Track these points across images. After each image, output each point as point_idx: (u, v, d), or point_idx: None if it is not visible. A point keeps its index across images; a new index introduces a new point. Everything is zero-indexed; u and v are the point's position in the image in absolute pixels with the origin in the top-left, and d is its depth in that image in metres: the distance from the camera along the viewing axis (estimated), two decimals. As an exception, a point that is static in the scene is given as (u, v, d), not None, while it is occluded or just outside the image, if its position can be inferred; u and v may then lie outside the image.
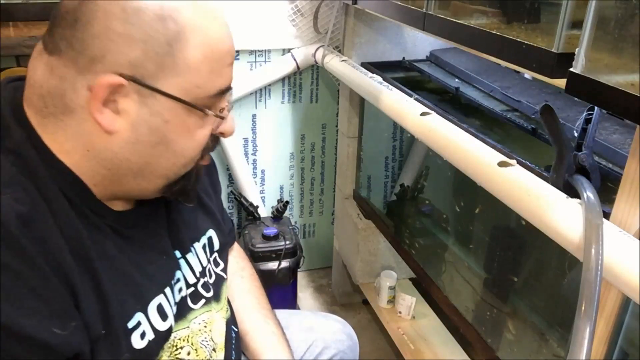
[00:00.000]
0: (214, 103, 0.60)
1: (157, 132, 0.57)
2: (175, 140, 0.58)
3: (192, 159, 0.61)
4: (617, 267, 0.58)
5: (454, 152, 0.93)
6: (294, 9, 1.66)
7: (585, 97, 0.59)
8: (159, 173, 0.60)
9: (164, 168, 0.60)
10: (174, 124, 0.57)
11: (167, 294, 0.65)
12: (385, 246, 1.65)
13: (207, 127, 0.60)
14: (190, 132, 0.59)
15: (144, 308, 0.61)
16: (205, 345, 0.71)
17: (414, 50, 1.56)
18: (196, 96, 0.57)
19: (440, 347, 1.45)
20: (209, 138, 0.62)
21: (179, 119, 0.57)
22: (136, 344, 0.60)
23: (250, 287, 0.91)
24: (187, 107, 0.57)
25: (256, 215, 1.73)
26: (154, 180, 0.61)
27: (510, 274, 1.09)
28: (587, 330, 0.55)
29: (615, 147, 0.83)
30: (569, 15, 0.64)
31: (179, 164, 0.60)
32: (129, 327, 0.59)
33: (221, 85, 0.59)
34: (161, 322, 0.63)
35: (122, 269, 0.60)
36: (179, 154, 0.59)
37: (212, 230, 0.79)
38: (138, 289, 0.61)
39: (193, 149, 0.60)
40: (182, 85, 0.56)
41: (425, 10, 0.98)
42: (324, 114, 1.85)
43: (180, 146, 0.59)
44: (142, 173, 0.59)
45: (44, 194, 0.54)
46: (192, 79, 0.56)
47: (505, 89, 1.18)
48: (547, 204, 0.70)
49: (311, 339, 0.93)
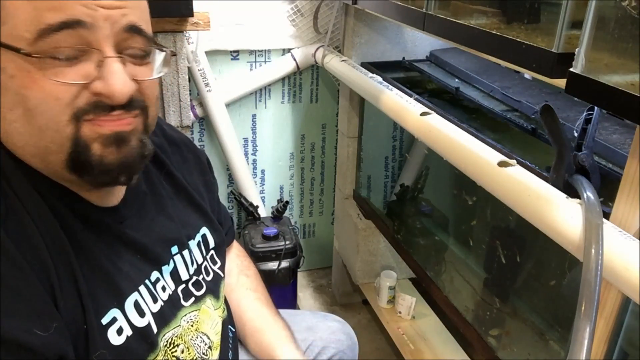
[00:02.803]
0: (54, 44, 0.51)
1: (8, 91, 0.51)
2: (28, 95, 0.51)
3: (56, 119, 0.52)
4: (617, 267, 0.58)
5: (454, 152, 0.93)
6: (293, 9, 1.66)
7: (585, 97, 0.59)
8: (38, 144, 0.53)
9: (34, 136, 0.53)
10: (20, 77, 0.51)
11: (142, 292, 0.64)
12: (385, 246, 1.65)
13: (57, 76, 0.51)
14: (38, 85, 0.51)
15: (120, 304, 0.60)
16: (194, 343, 0.70)
17: (414, 50, 1.56)
18: (30, 40, 0.50)
19: (440, 347, 1.45)
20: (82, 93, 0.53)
21: (24, 72, 0.51)
22: (113, 340, 0.58)
23: (256, 286, 0.92)
24: (26, 56, 0.50)
25: (256, 215, 1.73)
26: (42, 155, 0.54)
27: (510, 274, 1.09)
28: (587, 330, 0.55)
29: (615, 147, 0.83)
30: (569, 15, 0.64)
31: (44, 127, 0.52)
32: (103, 323, 0.58)
33: (52, 20, 0.50)
34: (139, 319, 0.62)
35: (97, 264, 0.59)
36: (37, 114, 0.52)
37: (206, 228, 0.79)
38: (114, 285, 0.60)
39: (47, 104, 0.51)
40: (11, 32, 0.50)
41: (425, 10, 0.98)
42: (324, 114, 1.85)
43: (33, 102, 0.51)
44: (31, 148, 0.54)
45: (16, 192, 0.53)
46: (19, 23, 0.50)
47: (505, 89, 1.18)
48: (547, 204, 0.70)
49: (310, 338, 0.93)
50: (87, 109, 0.53)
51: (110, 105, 0.54)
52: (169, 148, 0.78)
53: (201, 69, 1.56)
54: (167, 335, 0.66)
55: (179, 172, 0.78)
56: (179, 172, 0.78)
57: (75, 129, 0.53)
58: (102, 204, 0.62)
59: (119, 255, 0.63)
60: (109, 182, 0.58)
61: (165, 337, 0.66)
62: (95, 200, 0.61)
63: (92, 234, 0.59)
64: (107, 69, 0.53)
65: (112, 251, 0.62)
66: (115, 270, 0.61)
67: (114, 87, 0.53)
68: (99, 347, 0.56)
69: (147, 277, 0.66)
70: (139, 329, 0.62)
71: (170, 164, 0.76)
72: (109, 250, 0.61)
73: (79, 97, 0.53)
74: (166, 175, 0.76)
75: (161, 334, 0.65)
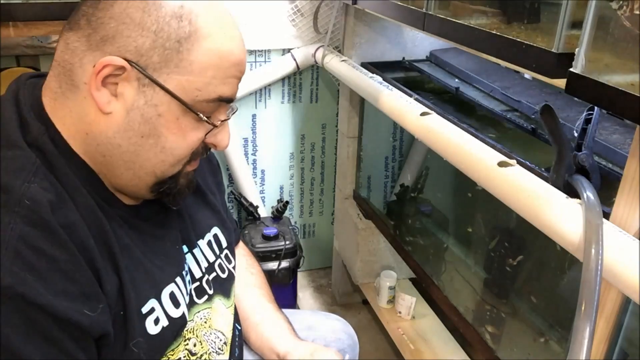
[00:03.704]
0: (211, 110, 0.61)
1: (149, 123, 0.58)
2: (166, 136, 0.59)
3: (180, 159, 0.62)
4: (617, 267, 0.58)
5: (454, 152, 0.93)
6: (294, 9, 1.66)
7: (585, 97, 0.59)
8: (147, 168, 0.61)
9: (152, 164, 0.60)
10: (166, 119, 0.58)
11: (179, 282, 0.67)
12: (385, 246, 1.65)
13: (199, 131, 0.61)
14: (181, 132, 0.59)
15: (157, 295, 0.64)
16: (207, 339, 0.72)
17: (414, 50, 1.56)
18: (194, 98, 0.58)
19: (440, 347, 1.45)
20: (201, 144, 0.63)
21: (173, 116, 0.58)
22: (150, 329, 0.61)
23: (261, 283, 0.94)
24: (183, 106, 0.58)
25: (256, 215, 1.73)
26: (143, 175, 0.61)
27: (510, 274, 1.09)
28: (587, 330, 0.55)
29: (615, 147, 0.83)
30: (569, 15, 0.64)
31: (167, 161, 0.61)
32: (143, 312, 0.61)
33: (222, 93, 0.60)
34: (174, 309, 0.65)
35: (135, 257, 0.62)
36: (167, 151, 0.60)
37: (217, 228, 0.81)
38: (151, 277, 0.63)
39: (182, 149, 0.61)
40: (182, 84, 0.57)
41: (425, 10, 0.98)
42: (324, 114, 1.85)
43: (170, 144, 0.59)
44: (132, 165, 0.60)
45: (64, 183, 0.56)
46: (194, 81, 0.57)
47: (505, 89, 1.18)
48: (547, 204, 0.70)
49: (311, 337, 0.94)
50: (201, 152, 0.64)
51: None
52: None
53: (201, 69, 1.56)
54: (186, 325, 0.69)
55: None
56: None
57: (183, 167, 0.63)
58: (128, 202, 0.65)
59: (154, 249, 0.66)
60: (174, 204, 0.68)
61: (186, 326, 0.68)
62: (124, 199, 0.64)
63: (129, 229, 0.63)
64: (225, 129, 0.64)
65: (146, 246, 0.65)
66: (150, 263, 0.64)
67: (224, 142, 0.65)
68: (137, 335, 0.59)
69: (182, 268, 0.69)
70: (174, 319, 0.65)
71: None
72: (143, 245, 0.64)
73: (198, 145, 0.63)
74: None
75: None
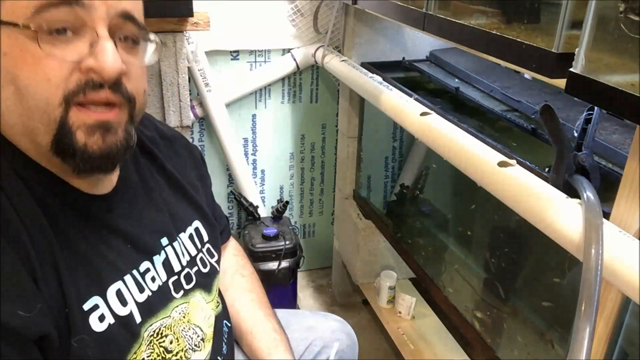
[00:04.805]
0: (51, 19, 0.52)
1: (1, 69, 0.52)
2: (19, 75, 0.52)
3: (48, 101, 0.53)
4: (617, 267, 0.58)
5: (454, 152, 0.93)
6: (293, 9, 1.66)
7: (585, 97, 0.59)
8: (27, 124, 0.54)
9: (23, 115, 0.54)
10: (13, 55, 0.51)
11: (127, 281, 0.64)
12: (385, 246, 1.65)
13: (53, 55, 0.52)
14: (33, 64, 0.51)
15: (102, 292, 0.61)
16: (185, 334, 0.70)
17: (414, 50, 1.56)
18: (25, 15, 0.51)
19: (440, 347, 1.45)
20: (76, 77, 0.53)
21: (17, 49, 0.51)
22: (95, 326, 0.59)
23: (252, 287, 0.91)
24: (21, 32, 0.50)
25: (256, 215, 1.73)
26: (31, 135, 0.55)
27: (510, 274, 1.09)
28: (587, 330, 0.55)
29: (615, 147, 0.83)
30: (569, 15, 0.64)
31: (34, 107, 0.53)
32: (84, 309, 0.58)
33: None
34: (121, 307, 0.62)
35: (80, 251, 0.59)
36: (28, 94, 0.52)
37: (198, 221, 0.79)
38: (96, 273, 0.61)
39: (39, 85, 0.52)
40: (10, 9, 0.51)
41: (425, 10, 0.98)
42: (324, 114, 1.85)
43: (25, 82, 0.52)
44: (20, 127, 0.55)
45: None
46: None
47: (505, 89, 1.18)
48: (547, 204, 0.70)
49: (310, 338, 0.93)
50: (77, 90, 0.54)
51: (100, 83, 0.54)
52: (161, 142, 0.79)
53: (201, 69, 1.56)
54: (154, 325, 0.66)
55: (172, 166, 0.78)
56: (172, 166, 0.78)
57: (64, 113, 0.54)
58: (91, 191, 0.62)
59: (108, 244, 0.63)
60: (91, 169, 0.58)
61: (152, 327, 0.66)
62: (85, 188, 0.62)
63: (79, 221, 0.60)
64: (100, 46, 0.54)
65: (100, 239, 0.62)
66: (99, 259, 0.61)
67: (105, 63, 0.53)
68: (80, 332, 0.57)
69: (136, 266, 0.66)
70: (120, 318, 0.62)
71: (163, 157, 0.77)
72: (95, 239, 0.62)
73: (70, 78, 0.53)
74: (158, 168, 0.76)
75: (146, 324, 0.65)
